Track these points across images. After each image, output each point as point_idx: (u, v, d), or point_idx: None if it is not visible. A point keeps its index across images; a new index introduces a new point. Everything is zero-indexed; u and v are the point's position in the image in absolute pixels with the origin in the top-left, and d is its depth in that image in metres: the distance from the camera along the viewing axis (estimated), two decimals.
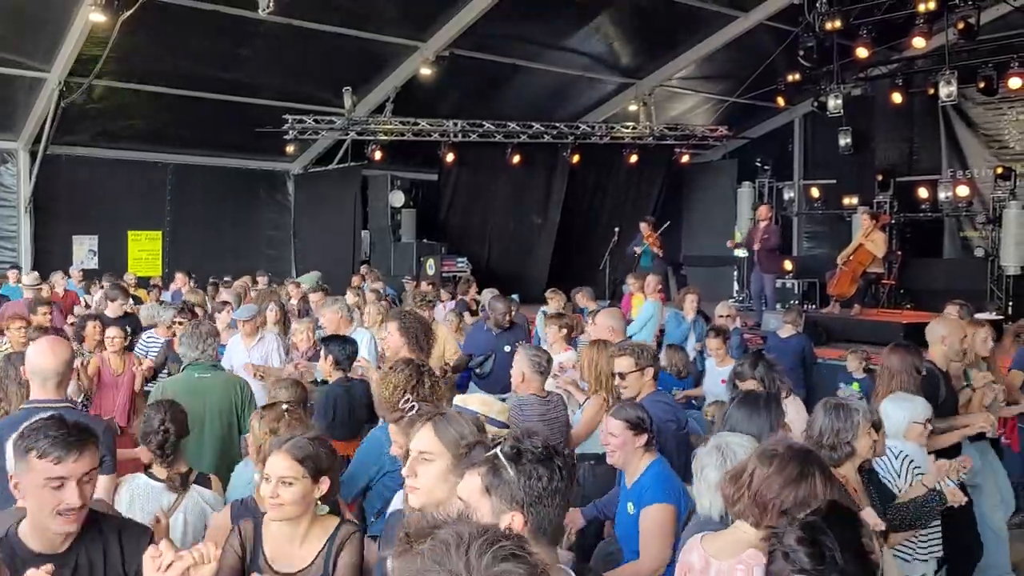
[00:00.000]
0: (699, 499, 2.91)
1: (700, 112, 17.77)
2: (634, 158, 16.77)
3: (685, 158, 17.81)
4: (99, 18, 10.36)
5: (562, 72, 15.14)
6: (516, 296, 9.77)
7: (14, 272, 11.89)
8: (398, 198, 16.49)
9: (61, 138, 13.69)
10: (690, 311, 8.68)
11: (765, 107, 16.63)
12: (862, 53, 12.58)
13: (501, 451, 2.03)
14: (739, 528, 2.54)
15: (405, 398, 3.52)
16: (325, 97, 14.30)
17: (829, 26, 12.22)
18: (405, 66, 13.83)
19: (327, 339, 5.58)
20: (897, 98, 13.77)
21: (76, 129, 13.81)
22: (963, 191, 14.26)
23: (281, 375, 5.75)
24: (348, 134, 15.17)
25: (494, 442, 2.07)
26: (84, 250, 15.11)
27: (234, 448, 4.59)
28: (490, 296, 10.00)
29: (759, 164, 17.31)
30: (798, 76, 13.87)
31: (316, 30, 12.40)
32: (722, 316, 8.34)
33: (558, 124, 15.86)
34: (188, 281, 12.24)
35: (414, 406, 3.46)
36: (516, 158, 15.81)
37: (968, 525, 4.67)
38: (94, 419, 3.83)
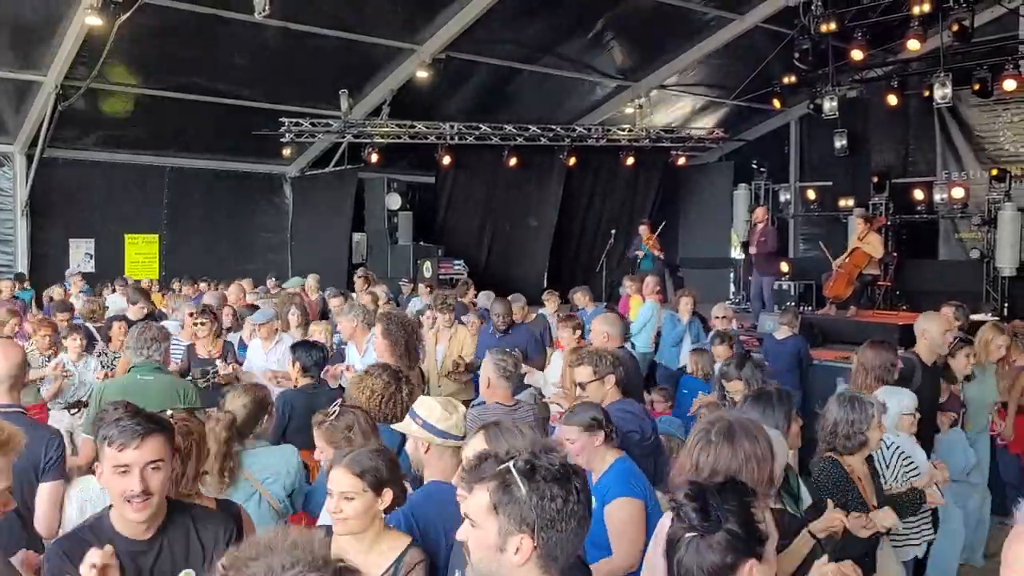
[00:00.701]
0: None
1: (696, 114, 17.81)
2: (630, 160, 16.80)
3: (681, 160, 17.84)
4: (96, 22, 10.36)
5: (559, 75, 15.16)
6: (521, 297, 9.64)
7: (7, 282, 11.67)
8: (395, 201, 16.48)
9: (58, 141, 13.68)
10: (685, 313, 8.70)
11: (761, 109, 16.68)
12: (857, 55, 12.62)
13: (514, 465, 1.89)
14: None
15: (334, 406, 3.49)
16: (322, 100, 14.31)
17: (824, 29, 12.26)
18: (402, 69, 13.84)
19: (294, 345, 5.51)
20: (892, 100, 13.81)
21: (73, 132, 13.80)
22: (958, 193, 14.33)
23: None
24: (345, 137, 15.19)
25: (508, 455, 1.94)
26: (81, 253, 15.08)
27: None
28: (485, 298, 10.03)
29: (755, 166, 17.36)
30: (794, 78, 13.90)
31: (312, 33, 12.43)
32: (718, 318, 8.36)
33: (554, 127, 15.88)
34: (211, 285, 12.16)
35: (336, 410, 3.46)
36: (513, 161, 15.83)
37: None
38: (42, 426, 3.84)
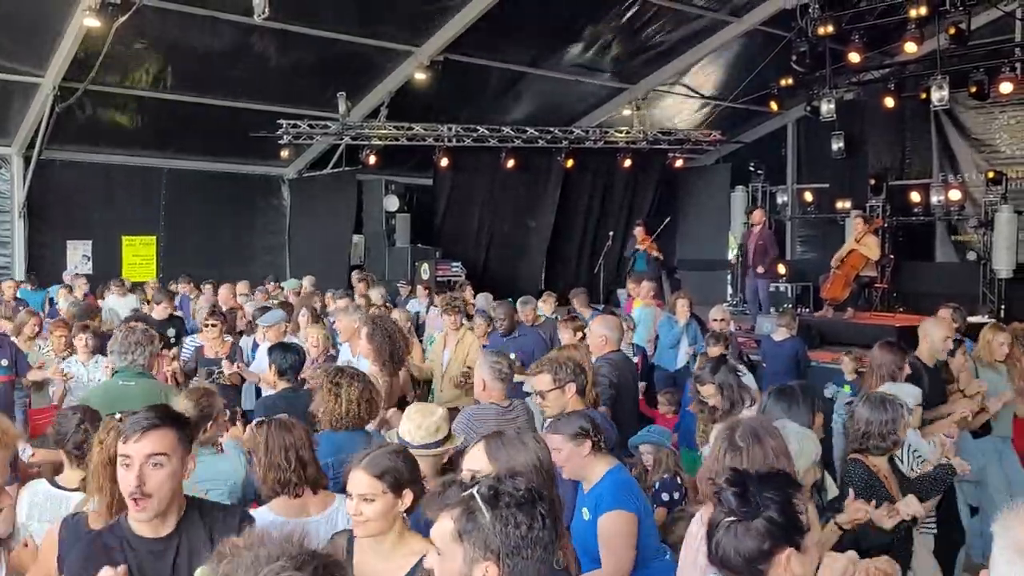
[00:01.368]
0: None
1: (694, 116, 17.83)
2: (628, 162, 16.81)
3: (679, 162, 17.84)
4: (94, 23, 10.36)
5: (556, 77, 15.16)
6: (531, 299, 9.63)
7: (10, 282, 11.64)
8: (393, 203, 16.46)
9: (55, 143, 13.66)
10: (682, 315, 8.69)
11: (758, 111, 16.70)
12: (854, 58, 12.64)
13: (478, 492, 1.87)
14: None
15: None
16: (320, 102, 14.30)
17: (821, 31, 12.30)
18: (400, 71, 13.84)
19: (270, 348, 5.45)
20: (889, 102, 13.82)
21: (70, 134, 13.77)
22: (955, 195, 14.36)
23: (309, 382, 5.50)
24: (343, 139, 15.18)
25: (472, 481, 1.91)
26: (78, 255, 15.05)
27: None
28: (483, 300, 10.05)
29: (752, 168, 17.36)
30: (791, 81, 13.92)
31: (311, 35, 12.43)
32: (716, 320, 8.37)
33: (552, 129, 15.88)
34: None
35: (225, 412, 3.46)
36: (511, 163, 15.82)
37: (952, 508, 5.06)
38: None
